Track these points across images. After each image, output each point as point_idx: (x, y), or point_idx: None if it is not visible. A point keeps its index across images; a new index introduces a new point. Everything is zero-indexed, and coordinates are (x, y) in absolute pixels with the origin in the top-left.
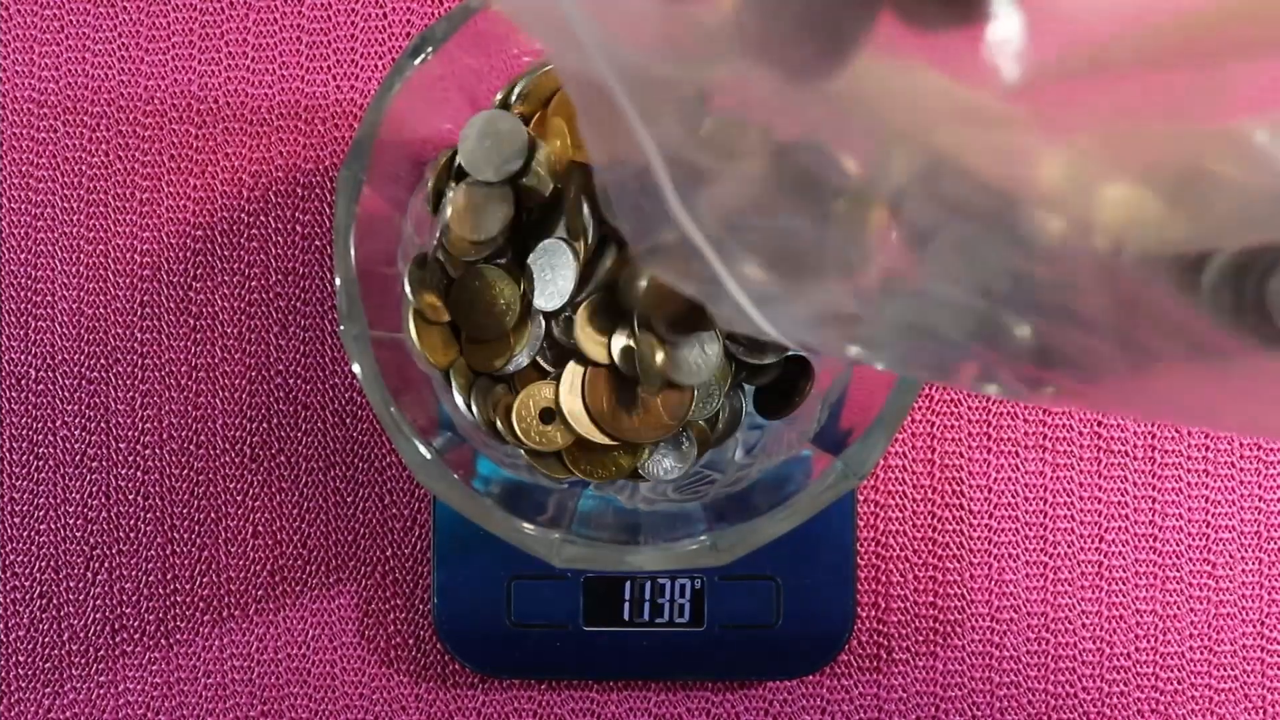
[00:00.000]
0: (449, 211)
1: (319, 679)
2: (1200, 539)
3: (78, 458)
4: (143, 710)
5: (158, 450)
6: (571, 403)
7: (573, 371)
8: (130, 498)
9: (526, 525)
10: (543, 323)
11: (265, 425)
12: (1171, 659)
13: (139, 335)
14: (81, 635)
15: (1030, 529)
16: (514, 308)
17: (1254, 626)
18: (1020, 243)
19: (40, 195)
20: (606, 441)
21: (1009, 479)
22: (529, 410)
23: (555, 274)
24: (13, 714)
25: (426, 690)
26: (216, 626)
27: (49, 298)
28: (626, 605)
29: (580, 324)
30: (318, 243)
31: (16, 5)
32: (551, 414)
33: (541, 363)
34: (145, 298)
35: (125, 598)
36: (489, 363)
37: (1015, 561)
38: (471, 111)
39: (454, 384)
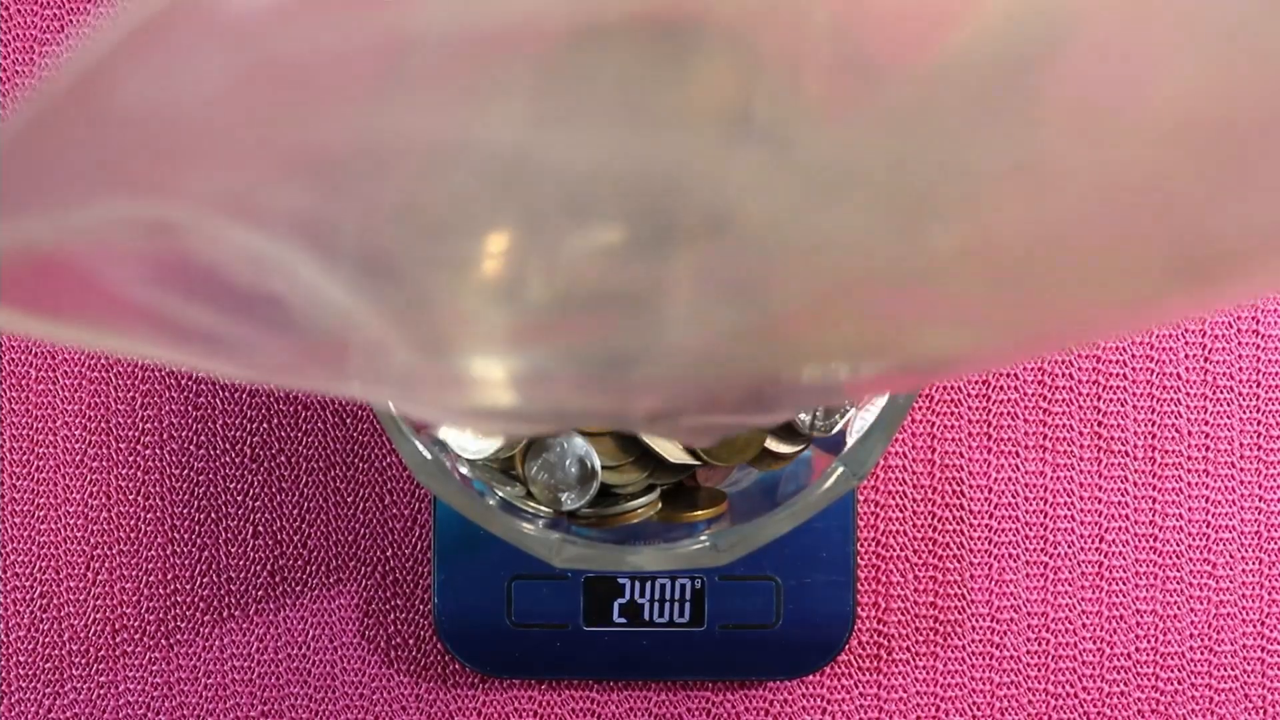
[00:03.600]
0: None
1: (319, 679)
2: (1200, 539)
3: (78, 458)
4: (143, 710)
5: (158, 450)
6: None
7: None
8: (130, 498)
9: (526, 526)
10: None
11: (265, 425)
12: (1171, 659)
13: None
14: (81, 635)
15: (1030, 529)
16: None
17: (1254, 626)
18: None
19: None
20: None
21: (1009, 479)
22: None
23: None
24: (13, 714)
25: (426, 690)
26: (216, 626)
27: None
28: (627, 605)
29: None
30: None
31: (16, 5)
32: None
33: None
34: None
35: (125, 598)
36: None
37: (1015, 561)
38: None
39: None
